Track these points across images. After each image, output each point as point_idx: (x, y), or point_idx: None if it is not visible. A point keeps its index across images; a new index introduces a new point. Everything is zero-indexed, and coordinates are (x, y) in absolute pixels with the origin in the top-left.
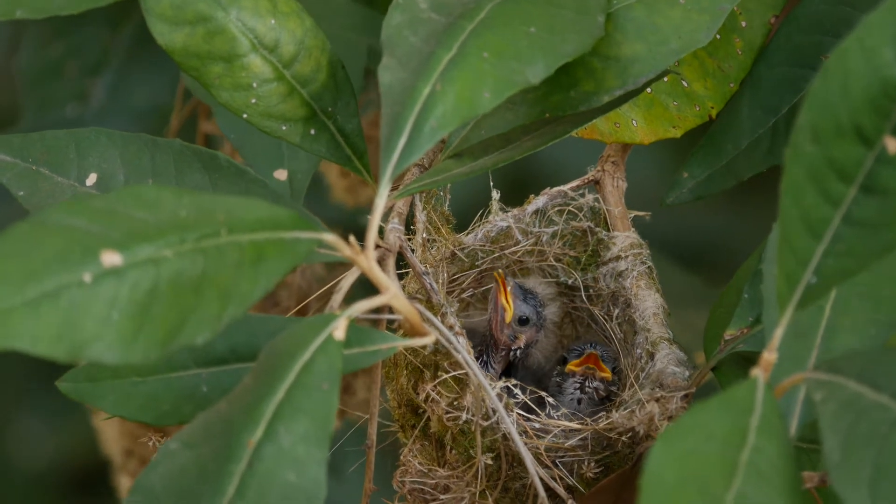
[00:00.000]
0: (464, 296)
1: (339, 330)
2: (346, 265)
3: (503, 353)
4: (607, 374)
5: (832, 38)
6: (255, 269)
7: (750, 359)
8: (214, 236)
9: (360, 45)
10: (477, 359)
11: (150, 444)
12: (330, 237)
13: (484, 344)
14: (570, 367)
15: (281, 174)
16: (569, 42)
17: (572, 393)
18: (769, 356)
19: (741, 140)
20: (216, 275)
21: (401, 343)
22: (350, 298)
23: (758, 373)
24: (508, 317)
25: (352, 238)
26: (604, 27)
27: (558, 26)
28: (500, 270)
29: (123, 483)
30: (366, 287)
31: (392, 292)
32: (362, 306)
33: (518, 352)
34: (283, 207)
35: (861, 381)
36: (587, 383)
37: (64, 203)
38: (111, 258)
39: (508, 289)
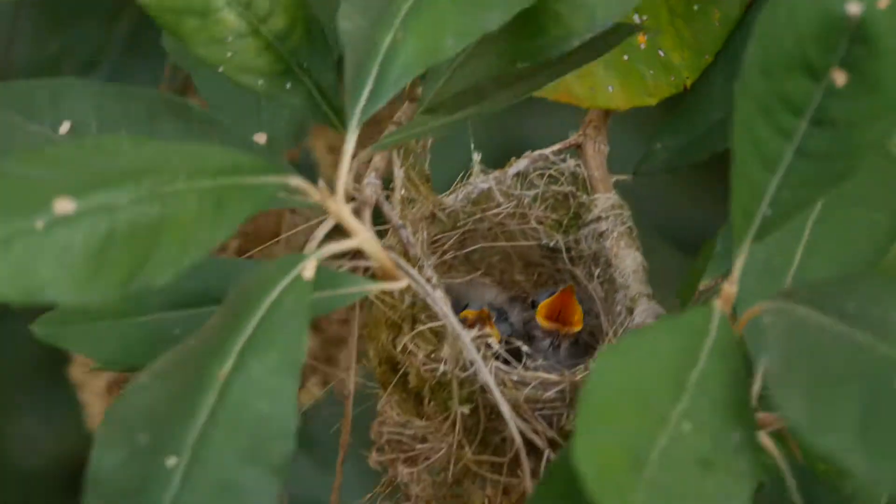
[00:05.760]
0: (445, 257)
1: (307, 270)
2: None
3: None
4: (577, 326)
5: None
6: (216, 215)
7: None
8: (172, 182)
9: None
10: None
11: None
12: (297, 181)
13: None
14: (539, 317)
15: (260, 137)
16: None
17: (544, 341)
18: (729, 288)
19: (714, 113)
20: (174, 220)
21: (372, 286)
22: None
23: (717, 303)
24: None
25: (321, 182)
26: None
27: None
28: (485, 308)
29: None
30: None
31: (363, 236)
32: (332, 248)
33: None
34: (247, 153)
35: (810, 306)
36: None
37: (18, 151)
38: (63, 206)
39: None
